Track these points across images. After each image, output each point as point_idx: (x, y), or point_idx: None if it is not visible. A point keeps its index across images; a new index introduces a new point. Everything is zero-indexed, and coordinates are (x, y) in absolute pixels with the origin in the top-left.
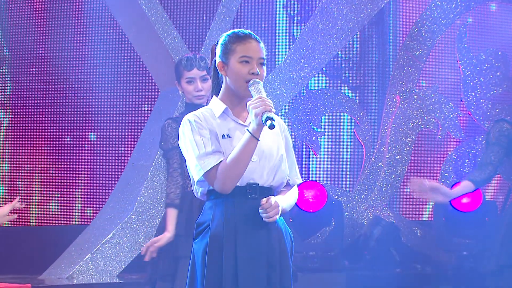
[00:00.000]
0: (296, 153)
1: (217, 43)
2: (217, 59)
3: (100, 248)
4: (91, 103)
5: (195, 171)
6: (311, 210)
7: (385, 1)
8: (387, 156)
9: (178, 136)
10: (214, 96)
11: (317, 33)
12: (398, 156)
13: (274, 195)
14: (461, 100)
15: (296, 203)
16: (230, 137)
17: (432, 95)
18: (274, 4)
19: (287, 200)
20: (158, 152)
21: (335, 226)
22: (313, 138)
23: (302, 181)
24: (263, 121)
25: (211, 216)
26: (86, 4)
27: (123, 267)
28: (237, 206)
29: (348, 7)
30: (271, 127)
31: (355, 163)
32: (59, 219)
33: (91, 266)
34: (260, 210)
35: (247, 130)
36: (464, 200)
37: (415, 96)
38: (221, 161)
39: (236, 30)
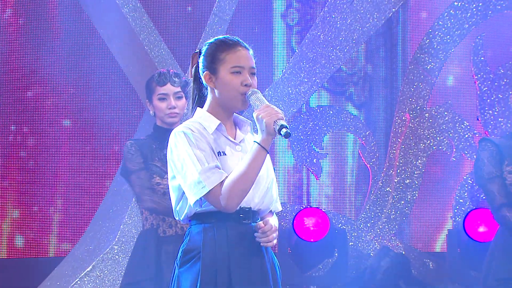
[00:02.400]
0: (295, 176)
1: (200, 52)
2: (202, 69)
3: (79, 282)
4: (69, 124)
5: (196, 188)
6: (312, 240)
7: (393, 9)
8: (396, 180)
9: (138, 159)
10: (198, 108)
11: (318, 44)
12: (407, 180)
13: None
14: (477, 119)
15: (295, 232)
16: (225, 154)
17: (445, 113)
18: (271, 13)
19: (276, 226)
20: None
21: (339, 258)
22: (314, 160)
23: (282, 208)
24: (277, 130)
25: (201, 243)
26: (64, 13)
27: None
28: (230, 231)
29: (352, 17)
30: (287, 135)
31: (360, 188)
32: (32, 250)
33: None
34: (257, 234)
35: (255, 142)
36: (481, 229)
37: (427, 114)
38: (226, 177)
39: (221, 37)
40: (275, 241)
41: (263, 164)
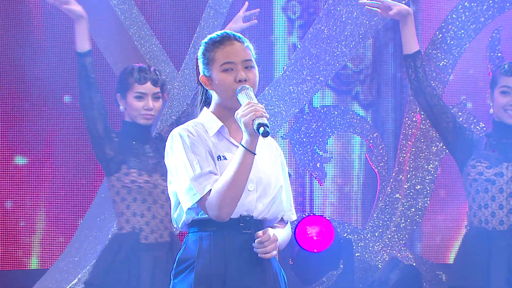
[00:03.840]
0: (297, 182)
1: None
2: (200, 73)
3: None
4: (52, 125)
5: (188, 196)
6: (315, 250)
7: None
8: (406, 186)
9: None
10: (205, 108)
11: (322, 40)
12: (418, 186)
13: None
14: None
15: (297, 242)
16: (226, 159)
17: (459, 113)
18: (272, 5)
19: (282, 236)
20: None
21: (344, 270)
22: (318, 165)
23: (296, 218)
24: (256, 129)
25: (197, 252)
26: (49, 8)
27: None
28: (228, 241)
29: (359, 10)
30: (265, 134)
31: (367, 194)
32: (12, 262)
33: None
34: (255, 244)
35: (240, 144)
36: None
37: None
38: None
39: (213, 34)
40: (274, 253)
41: (251, 168)
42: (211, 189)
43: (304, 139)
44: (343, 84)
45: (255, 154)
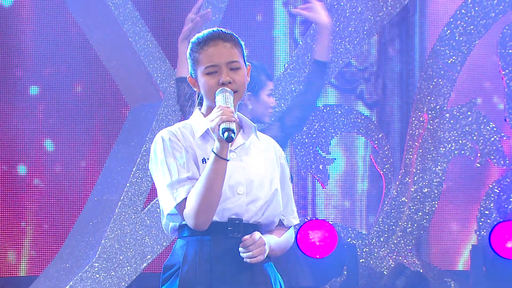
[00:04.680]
0: (299, 184)
1: None
2: (188, 74)
3: None
4: (42, 125)
5: (166, 201)
6: (317, 256)
7: None
8: (413, 189)
9: None
10: (197, 109)
11: None
12: (426, 189)
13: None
14: (505, 120)
15: (299, 247)
16: None
17: (469, 113)
18: (272, 0)
19: (277, 240)
20: (128, 184)
21: (348, 276)
22: (320, 166)
23: (299, 222)
24: (221, 135)
25: (182, 258)
26: (40, 3)
27: None
28: (215, 246)
29: (363, 4)
30: (229, 140)
31: (372, 197)
32: (1, 268)
33: None
34: (240, 248)
35: (212, 150)
36: (509, 245)
37: (447, 115)
38: None
39: (201, 33)
40: (260, 257)
41: (224, 174)
42: (187, 197)
43: (306, 140)
44: (347, 82)
45: (228, 160)
